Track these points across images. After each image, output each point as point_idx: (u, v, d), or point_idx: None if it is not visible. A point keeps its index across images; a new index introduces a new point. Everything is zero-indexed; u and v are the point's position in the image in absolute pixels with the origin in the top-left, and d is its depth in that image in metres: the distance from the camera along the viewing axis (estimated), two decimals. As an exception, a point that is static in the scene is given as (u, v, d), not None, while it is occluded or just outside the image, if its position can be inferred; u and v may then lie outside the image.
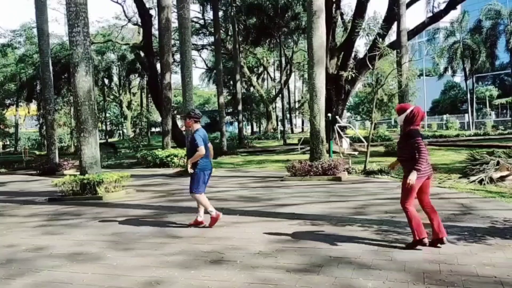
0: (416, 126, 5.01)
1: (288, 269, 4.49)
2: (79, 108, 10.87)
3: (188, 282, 4.31)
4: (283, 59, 41.24)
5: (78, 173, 12.04)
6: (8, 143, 45.71)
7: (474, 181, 9.95)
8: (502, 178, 9.84)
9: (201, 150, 6.38)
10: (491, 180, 9.78)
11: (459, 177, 10.73)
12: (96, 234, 6.58)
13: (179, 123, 36.95)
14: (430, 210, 5.14)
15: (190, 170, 6.56)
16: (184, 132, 19.03)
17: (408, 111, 5.03)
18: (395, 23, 18.82)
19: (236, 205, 8.43)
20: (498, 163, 10.24)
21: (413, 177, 4.79)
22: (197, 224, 6.71)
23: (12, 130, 44.16)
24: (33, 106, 44.95)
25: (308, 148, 16.37)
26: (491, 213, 6.70)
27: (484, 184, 9.62)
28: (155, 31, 31.08)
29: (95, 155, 11.02)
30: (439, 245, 5.01)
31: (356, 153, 15.43)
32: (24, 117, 50.53)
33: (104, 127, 45.21)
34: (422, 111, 5.08)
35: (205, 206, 6.61)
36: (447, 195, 8.56)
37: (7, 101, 43.81)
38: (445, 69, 47.53)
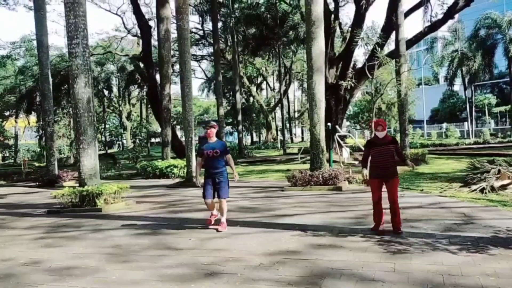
0: (375, 136, 6.43)
1: (289, 282, 4.43)
2: (79, 120, 10.85)
3: (188, 296, 4.25)
4: (282, 69, 41.37)
5: (78, 184, 11.97)
6: (7, 154, 45.63)
7: (475, 190, 9.91)
8: (503, 187, 9.79)
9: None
10: (492, 189, 9.74)
11: (460, 186, 10.68)
12: (95, 246, 6.52)
13: (179, 133, 36.94)
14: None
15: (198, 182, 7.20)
16: (183, 143, 18.97)
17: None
18: (394, 33, 18.92)
19: (237, 216, 8.37)
20: (499, 171, 10.21)
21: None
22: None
23: (11, 141, 44.15)
24: (33, 117, 44.99)
25: (308, 157, 16.33)
26: (493, 222, 6.65)
27: (486, 193, 9.57)
28: (154, 42, 31.24)
29: (94, 167, 10.98)
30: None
31: (356, 162, 15.38)
32: (23, 129, 50.54)
33: (103, 138, 45.18)
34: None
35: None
36: (448, 204, 8.52)
37: (7, 113, 43.87)
38: (452, 77, 47.33)
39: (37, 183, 18.45)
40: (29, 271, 5.39)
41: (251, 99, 49.80)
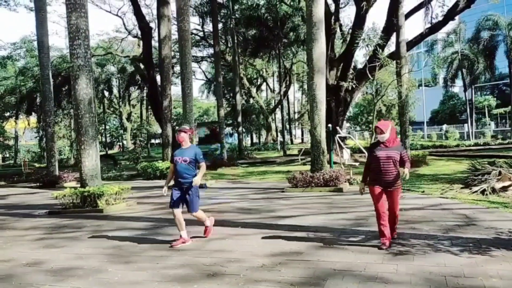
0: (377, 140, 5.88)
1: (292, 283, 4.43)
2: (80, 120, 10.85)
3: (191, 297, 4.25)
4: (282, 71, 41.42)
5: (79, 185, 11.98)
6: (7, 155, 45.61)
7: (476, 191, 9.91)
8: (504, 188, 9.79)
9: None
10: (494, 190, 9.74)
11: (461, 188, 10.69)
12: (97, 247, 6.51)
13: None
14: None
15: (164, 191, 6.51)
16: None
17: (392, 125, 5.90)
18: (394, 34, 18.93)
19: (237, 217, 8.37)
20: (500, 173, 10.21)
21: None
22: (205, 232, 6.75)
23: (11, 142, 44.12)
24: (33, 118, 44.97)
25: (309, 159, 16.33)
26: (495, 224, 6.64)
27: (487, 194, 9.57)
28: (155, 43, 31.25)
29: (95, 168, 10.98)
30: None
31: (357, 164, 15.38)
32: (23, 130, 50.52)
33: (104, 139, 45.21)
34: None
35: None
36: (449, 206, 8.52)
37: (7, 114, 43.84)
38: (452, 79, 47.24)
39: (38, 184, 18.45)
40: (31, 271, 5.39)
41: (251, 100, 49.84)
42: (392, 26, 19.29)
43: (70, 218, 9.44)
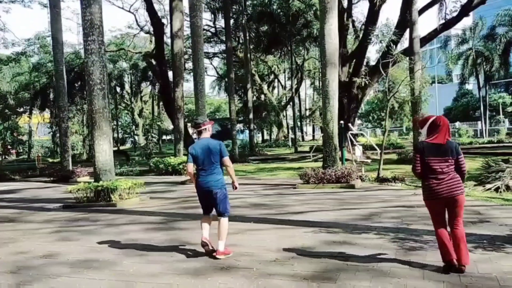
0: (431, 138, 4.59)
1: (305, 277, 4.45)
2: (94, 116, 10.96)
3: (205, 289, 4.29)
4: (294, 67, 41.32)
5: (92, 180, 12.12)
6: (21, 150, 46.24)
7: (490, 189, 9.84)
8: (519, 186, 9.69)
9: (187, 167, 5.67)
10: (508, 188, 9.66)
11: (474, 185, 10.59)
12: (111, 240, 6.59)
13: (191, 130, 37.11)
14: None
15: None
16: (196, 140, 19.10)
17: (429, 121, 4.64)
18: (407, 30, 18.77)
19: (250, 212, 8.41)
20: (514, 170, 10.10)
21: None
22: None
23: (25, 137, 44.75)
24: (46, 114, 45.52)
25: (320, 155, 16.31)
26: (509, 221, 6.60)
27: (501, 192, 9.50)
28: (167, 39, 31.38)
29: (109, 162, 11.10)
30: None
31: (369, 160, 15.34)
32: (37, 125, 51.16)
33: (116, 135, 45.60)
34: (443, 120, 4.64)
35: None
36: (463, 203, 8.44)
37: (21, 109, 44.39)
38: (468, 76, 46.51)
39: (52, 179, 18.69)
40: (48, 263, 5.48)
41: (263, 97, 49.82)
42: (405, 22, 19.15)
43: (84, 212, 9.57)
